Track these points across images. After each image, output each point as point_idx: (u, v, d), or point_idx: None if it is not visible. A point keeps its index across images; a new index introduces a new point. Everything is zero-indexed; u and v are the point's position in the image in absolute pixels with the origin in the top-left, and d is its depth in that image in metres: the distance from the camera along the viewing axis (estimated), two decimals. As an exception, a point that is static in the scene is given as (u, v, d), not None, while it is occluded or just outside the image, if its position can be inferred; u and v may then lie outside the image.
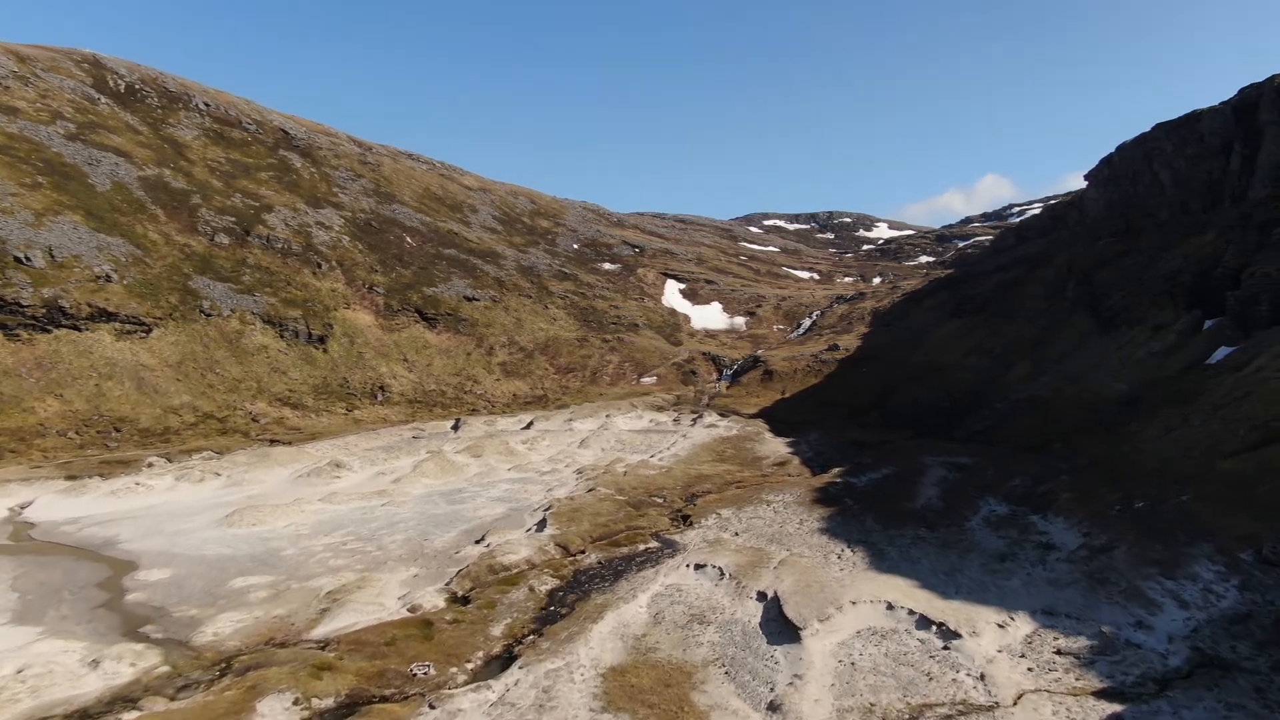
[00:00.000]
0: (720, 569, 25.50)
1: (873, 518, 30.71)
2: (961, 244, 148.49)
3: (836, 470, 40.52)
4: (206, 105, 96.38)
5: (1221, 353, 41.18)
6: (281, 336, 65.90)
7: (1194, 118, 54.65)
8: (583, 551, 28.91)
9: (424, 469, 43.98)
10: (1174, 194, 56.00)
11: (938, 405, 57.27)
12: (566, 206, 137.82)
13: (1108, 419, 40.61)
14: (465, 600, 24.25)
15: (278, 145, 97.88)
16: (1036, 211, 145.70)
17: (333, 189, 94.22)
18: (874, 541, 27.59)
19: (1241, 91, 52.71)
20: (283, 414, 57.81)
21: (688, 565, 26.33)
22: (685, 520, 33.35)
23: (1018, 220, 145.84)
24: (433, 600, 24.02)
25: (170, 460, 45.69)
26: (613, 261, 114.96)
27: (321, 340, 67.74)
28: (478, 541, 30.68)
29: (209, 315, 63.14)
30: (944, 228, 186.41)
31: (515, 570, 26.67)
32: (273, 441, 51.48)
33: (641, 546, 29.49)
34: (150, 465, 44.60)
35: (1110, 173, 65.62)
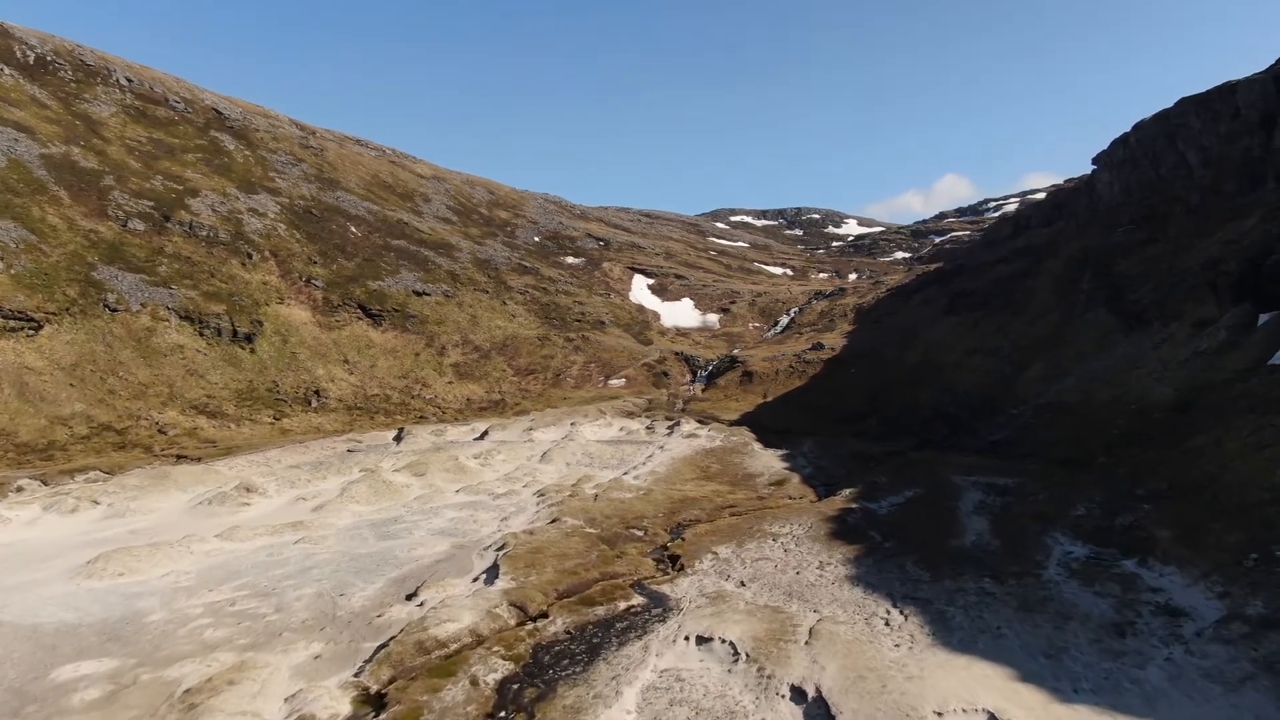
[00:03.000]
0: (732, 645, 18.78)
1: (914, 561, 24.23)
2: (938, 239, 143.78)
3: (848, 492, 34.09)
4: (129, 81, 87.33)
5: (1287, 351, 35.48)
6: (201, 335, 57.77)
7: (1228, 89, 49.08)
8: (545, 614, 21.92)
9: (354, 492, 36.60)
10: (1203, 175, 50.52)
11: (943, 411, 51.27)
12: (527, 198, 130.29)
13: (1158, 429, 34.73)
14: (380, 701, 17.18)
15: (209, 126, 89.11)
16: (1014, 206, 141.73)
17: (269, 174, 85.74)
18: (927, 598, 21.08)
19: (1282, 59, 47.41)
20: (196, 424, 49.86)
21: (687, 638, 19.55)
22: (674, 562, 26.58)
23: (995, 215, 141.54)
24: (332, 703, 16.91)
25: (45, 483, 37.70)
26: (576, 255, 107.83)
27: (249, 339, 59.72)
28: (409, 597, 23.60)
29: (115, 310, 54.83)
30: (918, 223, 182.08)
31: (454, 647, 19.63)
32: (179, 458, 43.57)
33: (622, 604, 22.59)
34: (19, 490, 36.62)
35: (1126, 154, 60.06)
